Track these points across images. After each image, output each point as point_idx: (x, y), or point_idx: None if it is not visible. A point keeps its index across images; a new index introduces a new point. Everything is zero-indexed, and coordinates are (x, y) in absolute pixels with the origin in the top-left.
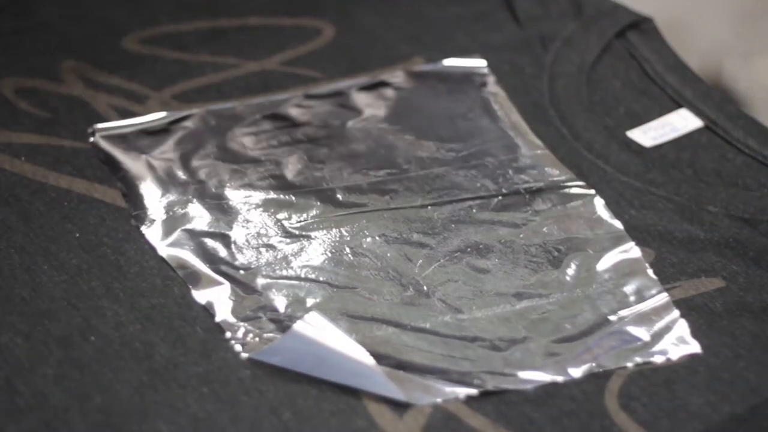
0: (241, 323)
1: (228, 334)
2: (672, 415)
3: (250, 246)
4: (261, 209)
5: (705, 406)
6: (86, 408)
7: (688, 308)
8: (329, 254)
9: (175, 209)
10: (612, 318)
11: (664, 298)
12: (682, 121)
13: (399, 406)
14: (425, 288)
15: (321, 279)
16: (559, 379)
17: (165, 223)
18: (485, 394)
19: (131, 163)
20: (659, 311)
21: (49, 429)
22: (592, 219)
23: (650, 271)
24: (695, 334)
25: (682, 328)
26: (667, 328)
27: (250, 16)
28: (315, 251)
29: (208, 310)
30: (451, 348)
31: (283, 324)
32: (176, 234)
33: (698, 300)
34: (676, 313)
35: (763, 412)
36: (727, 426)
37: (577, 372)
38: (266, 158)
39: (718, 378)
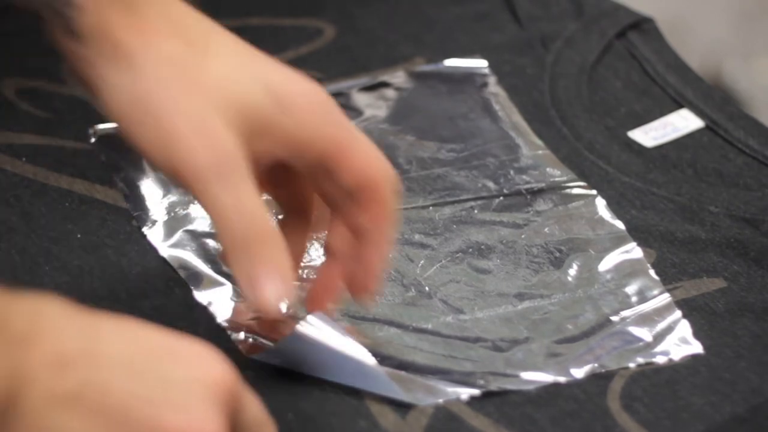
0: (243, 324)
1: (230, 335)
2: (674, 415)
3: None
4: None
5: (707, 406)
6: None
7: (689, 308)
8: None
9: (176, 210)
10: (614, 318)
11: (665, 298)
12: (683, 122)
13: (401, 407)
14: (427, 288)
15: None
16: (561, 379)
17: (166, 224)
18: (487, 395)
19: (132, 163)
20: (661, 312)
21: None
22: (593, 219)
23: (652, 272)
24: (697, 334)
25: (684, 328)
26: (669, 329)
27: (251, 17)
28: (316, 252)
29: (209, 311)
30: (453, 349)
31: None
32: (178, 235)
33: (700, 300)
34: (677, 313)
35: (765, 412)
36: (728, 426)
37: (579, 372)
38: None
39: (720, 378)
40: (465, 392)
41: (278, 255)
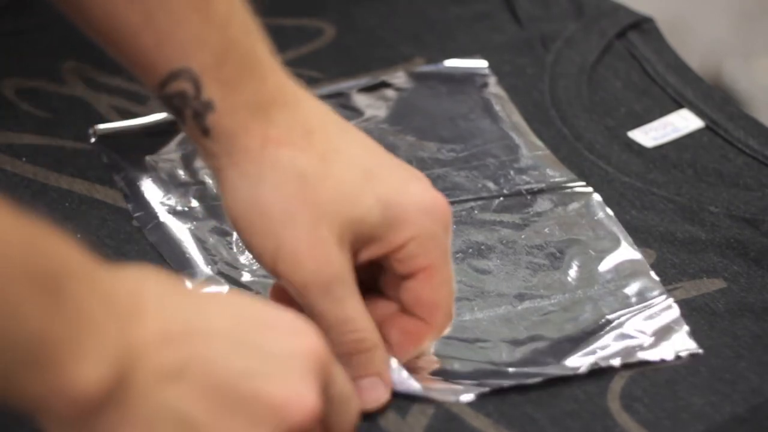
0: None
1: None
2: (674, 415)
3: None
4: None
5: (706, 407)
6: None
7: (689, 309)
8: None
9: (176, 210)
10: (614, 319)
11: (665, 298)
12: (683, 122)
13: (401, 407)
14: None
15: None
16: (561, 380)
17: (166, 224)
18: (487, 395)
19: (132, 163)
20: (661, 312)
21: None
22: (593, 220)
23: (652, 273)
24: (697, 334)
25: (684, 328)
26: (669, 329)
27: None
28: None
29: None
30: (453, 349)
31: None
32: (178, 235)
33: (700, 300)
34: (677, 313)
35: (765, 412)
36: (728, 426)
37: (579, 368)
38: None
39: (720, 378)
40: (465, 392)
41: (379, 362)
